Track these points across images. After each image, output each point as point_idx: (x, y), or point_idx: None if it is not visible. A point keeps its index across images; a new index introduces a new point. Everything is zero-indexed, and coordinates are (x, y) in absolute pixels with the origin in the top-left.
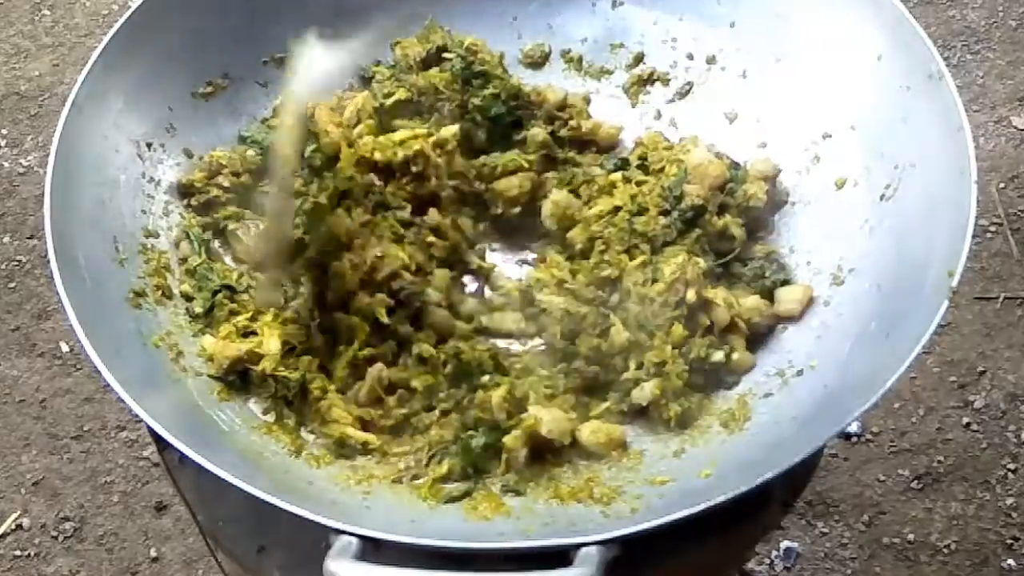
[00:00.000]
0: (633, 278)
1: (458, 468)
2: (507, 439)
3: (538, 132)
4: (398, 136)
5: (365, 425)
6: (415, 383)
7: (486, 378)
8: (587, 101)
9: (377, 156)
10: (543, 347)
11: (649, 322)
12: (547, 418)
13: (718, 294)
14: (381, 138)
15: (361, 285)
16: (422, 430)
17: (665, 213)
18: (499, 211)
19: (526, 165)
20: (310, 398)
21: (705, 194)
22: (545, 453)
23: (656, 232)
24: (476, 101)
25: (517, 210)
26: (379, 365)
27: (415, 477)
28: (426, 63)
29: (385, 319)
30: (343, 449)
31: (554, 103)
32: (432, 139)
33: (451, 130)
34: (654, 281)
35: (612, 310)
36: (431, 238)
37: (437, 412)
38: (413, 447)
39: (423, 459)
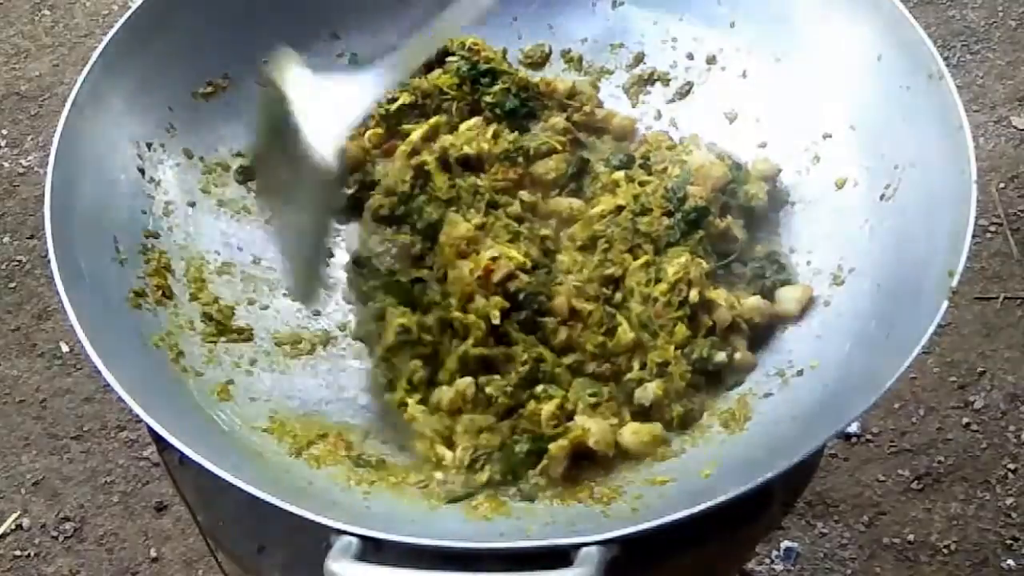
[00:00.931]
0: (636, 278)
1: (497, 476)
2: (552, 447)
3: (557, 120)
4: (464, 129)
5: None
6: (489, 388)
7: (539, 388)
8: (595, 87)
9: (468, 150)
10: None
11: (652, 322)
12: (594, 429)
13: (720, 294)
14: (449, 136)
15: (479, 287)
16: (474, 433)
17: (669, 214)
18: (538, 196)
19: (559, 147)
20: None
21: (708, 196)
22: (582, 461)
23: (660, 233)
24: (489, 98)
25: (555, 194)
26: (468, 379)
27: (455, 492)
28: (428, 66)
29: (497, 320)
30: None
31: (563, 92)
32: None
33: (472, 122)
34: (657, 281)
35: (616, 308)
36: (544, 230)
37: (493, 414)
38: (460, 448)
39: (466, 460)
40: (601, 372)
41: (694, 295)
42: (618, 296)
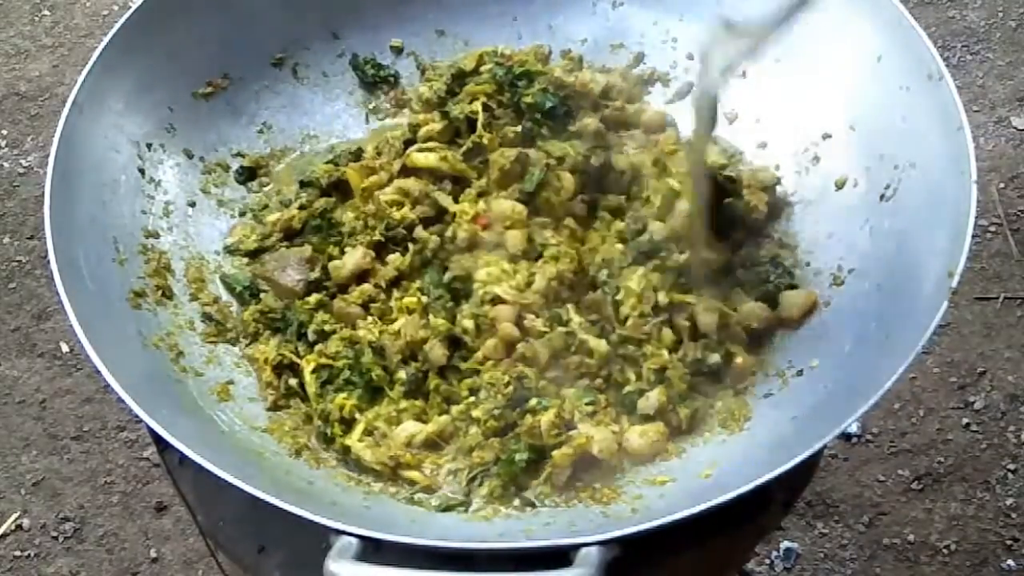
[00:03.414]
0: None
1: (499, 488)
2: (556, 455)
3: (590, 122)
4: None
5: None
6: (476, 412)
7: (534, 402)
8: (625, 79)
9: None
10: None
11: (633, 334)
12: (598, 436)
13: (691, 297)
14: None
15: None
16: (465, 451)
17: (623, 241)
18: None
19: (571, 152)
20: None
21: (669, 234)
22: (585, 467)
23: (613, 257)
24: (528, 100)
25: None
26: (446, 418)
27: (451, 500)
28: (456, 81)
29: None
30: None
31: (598, 92)
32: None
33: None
34: (620, 304)
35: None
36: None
37: (481, 435)
38: (453, 470)
39: (463, 481)
40: (595, 386)
41: (663, 298)
42: (574, 317)
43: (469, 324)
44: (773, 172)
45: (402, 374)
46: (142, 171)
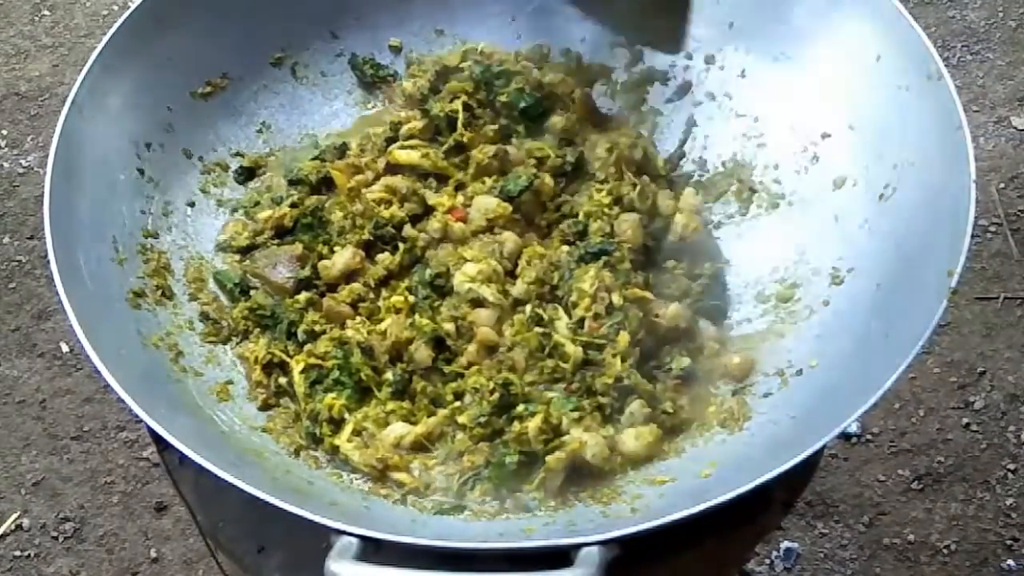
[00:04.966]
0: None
1: (491, 491)
2: (550, 460)
3: (558, 120)
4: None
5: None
6: (462, 419)
7: (521, 407)
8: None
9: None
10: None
11: (592, 337)
12: (591, 442)
13: (645, 294)
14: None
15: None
16: (455, 456)
17: (569, 243)
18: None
19: (552, 155)
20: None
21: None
22: (579, 472)
23: (559, 260)
24: (503, 99)
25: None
26: (434, 420)
27: (444, 504)
28: (440, 77)
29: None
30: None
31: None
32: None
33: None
34: (574, 306)
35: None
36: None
37: (469, 439)
38: (444, 474)
39: (454, 486)
40: (572, 390)
41: (616, 299)
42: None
43: (450, 327)
44: (699, 198)
45: (389, 375)
46: (141, 171)
